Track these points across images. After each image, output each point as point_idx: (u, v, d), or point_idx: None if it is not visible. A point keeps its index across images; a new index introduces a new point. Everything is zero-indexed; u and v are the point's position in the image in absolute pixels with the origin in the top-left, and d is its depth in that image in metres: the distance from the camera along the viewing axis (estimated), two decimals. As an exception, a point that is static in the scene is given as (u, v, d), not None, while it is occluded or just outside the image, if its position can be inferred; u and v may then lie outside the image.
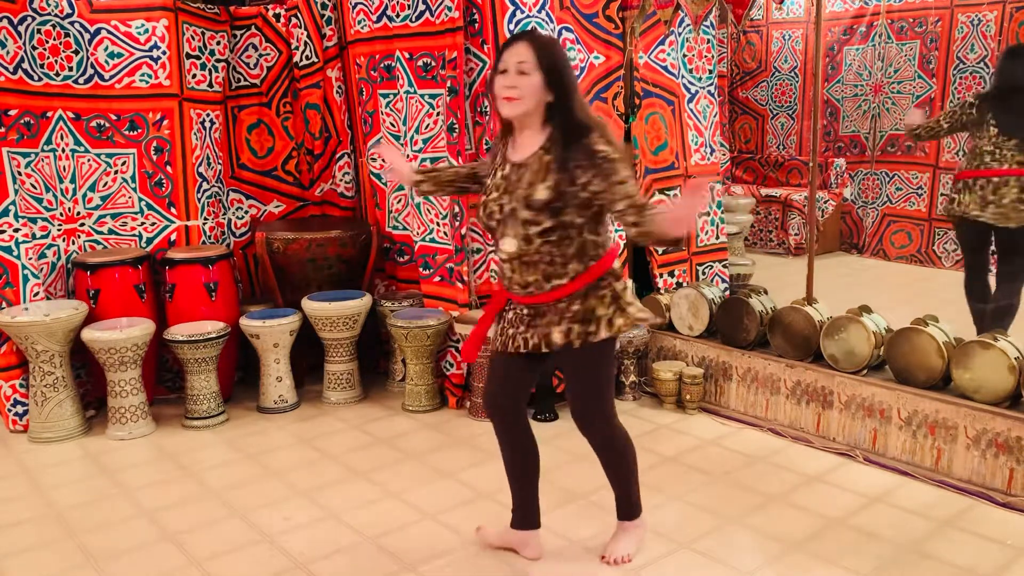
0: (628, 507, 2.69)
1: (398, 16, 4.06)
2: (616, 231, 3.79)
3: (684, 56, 4.61)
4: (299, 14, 4.48)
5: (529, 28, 2.44)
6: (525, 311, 2.44)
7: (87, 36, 4.02)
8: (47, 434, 3.73)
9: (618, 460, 2.62)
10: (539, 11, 3.88)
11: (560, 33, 3.99)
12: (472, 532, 2.85)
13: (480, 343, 2.57)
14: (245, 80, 4.58)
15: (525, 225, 2.30)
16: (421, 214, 4.13)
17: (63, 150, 4.06)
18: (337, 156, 4.68)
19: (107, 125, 4.12)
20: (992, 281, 4.23)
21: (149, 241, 4.23)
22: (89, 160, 4.11)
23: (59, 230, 4.06)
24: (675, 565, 2.64)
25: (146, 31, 4.10)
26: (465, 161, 3.93)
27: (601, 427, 2.56)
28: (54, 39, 3.97)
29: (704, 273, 4.73)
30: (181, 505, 3.12)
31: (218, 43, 4.41)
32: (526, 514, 2.67)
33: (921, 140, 4.29)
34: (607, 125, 2.37)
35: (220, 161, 4.51)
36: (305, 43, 4.52)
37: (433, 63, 3.94)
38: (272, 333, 3.99)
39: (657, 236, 2.22)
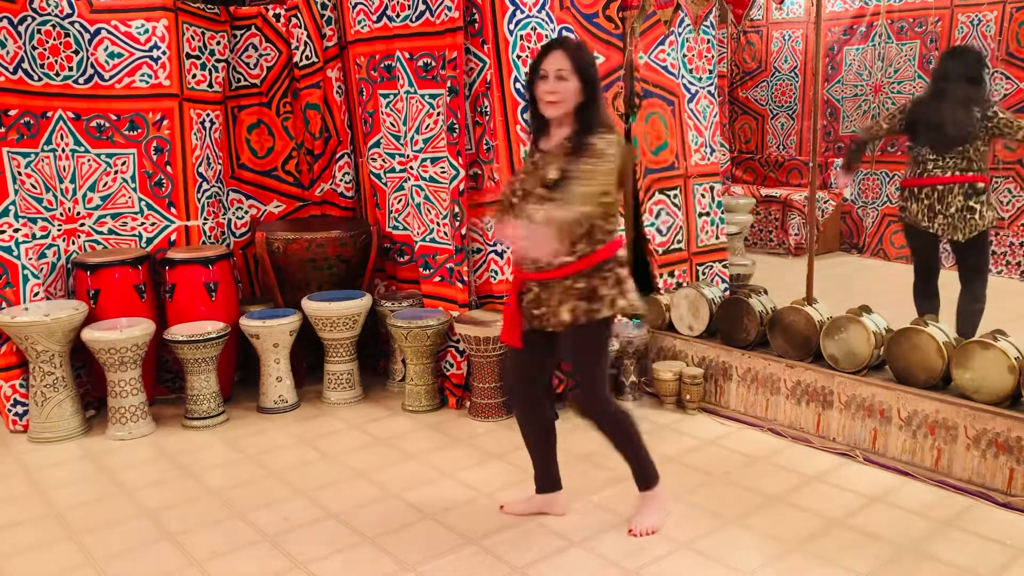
0: (644, 477, 2.88)
1: (398, 16, 4.06)
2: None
3: (684, 56, 4.61)
4: (299, 14, 4.48)
5: (561, 37, 2.70)
6: (536, 290, 2.66)
7: (87, 36, 4.02)
8: (47, 434, 3.73)
9: (623, 436, 2.83)
10: (539, 11, 3.88)
11: (560, 33, 3.99)
12: (472, 531, 2.85)
13: (516, 323, 2.72)
14: (245, 80, 4.58)
15: (540, 201, 2.53)
16: (421, 214, 4.13)
17: (63, 150, 4.06)
18: (337, 156, 4.68)
19: (107, 125, 4.12)
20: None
21: (149, 241, 4.23)
22: (89, 160, 4.11)
23: (59, 230, 4.06)
24: (675, 565, 2.64)
25: (146, 31, 4.10)
26: (465, 160, 3.94)
27: (602, 407, 2.79)
28: (54, 39, 3.96)
29: (704, 273, 4.73)
30: (181, 505, 3.12)
31: (218, 43, 4.41)
32: (549, 479, 2.97)
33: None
34: (616, 128, 2.66)
35: (220, 161, 4.51)
36: (305, 43, 4.52)
37: (433, 63, 3.94)
38: (272, 333, 3.99)
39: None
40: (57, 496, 3.22)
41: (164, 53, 4.14)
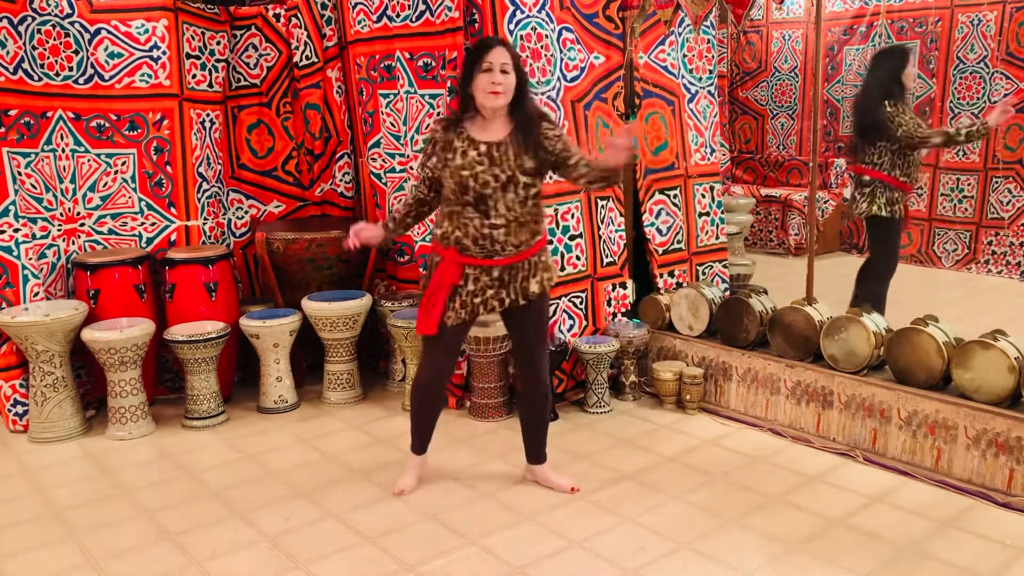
0: (542, 450, 3.19)
1: (398, 16, 4.06)
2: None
3: (684, 56, 4.62)
4: (299, 14, 4.48)
5: (496, 37, 2.90)
6: (496, 273, 2.84)
7: (87, 36, 4.02)
8: (47, 434, 3.73)
9: (549, 409, 3.18)
10: (539, 11, 3.88)
11: (560, 33, 3.99)
12: (472, 532, 2.86)
13: (439, 315, 2.88)
14: (245, 80, 4.58)
15: (525, 188, 2.79)
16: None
17: (63, 150, 4.06)
18: (337, 156, 4.68)
19: (107, 125, 4.12)
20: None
21: (149, 241, 4.23)
22: (89, 160, 4.11)
23: (59, 230, 4.06)
24: (675, 565, 2.64)
25: (146, 31, 4.11)
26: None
27: (546, 374, 3.09)
28: (54, 39, 3.96)
29: (704, 273, 4.73)
30: (181, 505, 3.12)
31: (218, 43, 4.41)
32: (426, 443, 3.22)
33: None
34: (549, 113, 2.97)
35: (220, 161, 4.52)
36: (305, 43, 4.52)
37: (433, 63, 3.94)
38: (272, 333, 3.99)
39: (599, 174, 2.79)
40: (57, 496, 3.22)
41: (164, 53, 4.14)
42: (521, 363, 3.11)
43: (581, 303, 4.12)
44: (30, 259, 3.87)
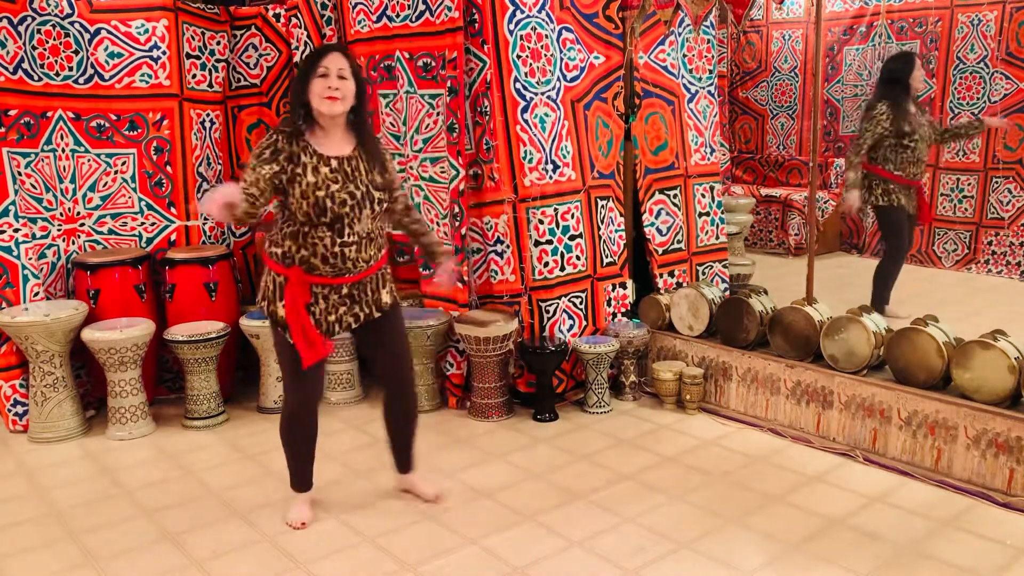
0: (411, 458, 3.12)
1: (398, 16, 4.06)
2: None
3: (684, 56, 4.62)
4: (299, 14, 4.48)
5: (333, 43, 2.74)
6: (344, 291, 2.75)
7: (87, 36, 4.02)
8: (47, 434, 3.73)
9: (415, 415, 3.07)
10: (539, 11, 3.89)
11: (560, 33, 3.99)
12: (472, 531, 2.86)
13: (316, 336, 2.75)
14: (245, 80, 4.58)
15: (379, 204, 2.72)
16: (421, 214, 4.13)
17: (63, 150, 4.06)
18: (337, 156, 4.68)
19: (107, 125, 4.12)
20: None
21: (149, 241, 4.23)
22: (89, 160, 4.12)
23: (59, 230, 4.06)
24: (675, 565, 2.64)
25: (146, 31, 4.11)
26: (465, 160, 3.93)
27: (413, 385, 3.05)
28: (54, 39, 3.96)
29: (704, 273, 4.73)
30: (181, 505, 3.12)
31: (218, 43, 4.42)
32: (309, 479, 3.04)
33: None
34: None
35: (220, 161, 4.52)
36: (305, 43, 4.52)
37: (433, 63, 3.94)
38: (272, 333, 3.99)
39: (421, 242, 2.99)
40: (57, 496, 3.22)
41: (164, 53, 4.14)
42: (385, 377, 2.97)
43: (581, 303, 4.12)
44: (30, 259, 3.87)
